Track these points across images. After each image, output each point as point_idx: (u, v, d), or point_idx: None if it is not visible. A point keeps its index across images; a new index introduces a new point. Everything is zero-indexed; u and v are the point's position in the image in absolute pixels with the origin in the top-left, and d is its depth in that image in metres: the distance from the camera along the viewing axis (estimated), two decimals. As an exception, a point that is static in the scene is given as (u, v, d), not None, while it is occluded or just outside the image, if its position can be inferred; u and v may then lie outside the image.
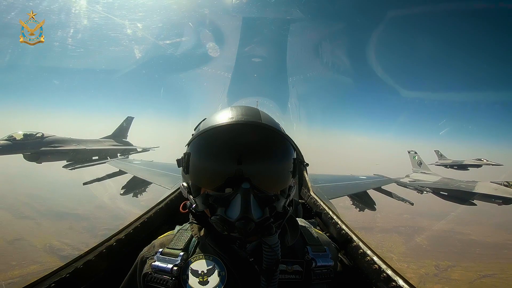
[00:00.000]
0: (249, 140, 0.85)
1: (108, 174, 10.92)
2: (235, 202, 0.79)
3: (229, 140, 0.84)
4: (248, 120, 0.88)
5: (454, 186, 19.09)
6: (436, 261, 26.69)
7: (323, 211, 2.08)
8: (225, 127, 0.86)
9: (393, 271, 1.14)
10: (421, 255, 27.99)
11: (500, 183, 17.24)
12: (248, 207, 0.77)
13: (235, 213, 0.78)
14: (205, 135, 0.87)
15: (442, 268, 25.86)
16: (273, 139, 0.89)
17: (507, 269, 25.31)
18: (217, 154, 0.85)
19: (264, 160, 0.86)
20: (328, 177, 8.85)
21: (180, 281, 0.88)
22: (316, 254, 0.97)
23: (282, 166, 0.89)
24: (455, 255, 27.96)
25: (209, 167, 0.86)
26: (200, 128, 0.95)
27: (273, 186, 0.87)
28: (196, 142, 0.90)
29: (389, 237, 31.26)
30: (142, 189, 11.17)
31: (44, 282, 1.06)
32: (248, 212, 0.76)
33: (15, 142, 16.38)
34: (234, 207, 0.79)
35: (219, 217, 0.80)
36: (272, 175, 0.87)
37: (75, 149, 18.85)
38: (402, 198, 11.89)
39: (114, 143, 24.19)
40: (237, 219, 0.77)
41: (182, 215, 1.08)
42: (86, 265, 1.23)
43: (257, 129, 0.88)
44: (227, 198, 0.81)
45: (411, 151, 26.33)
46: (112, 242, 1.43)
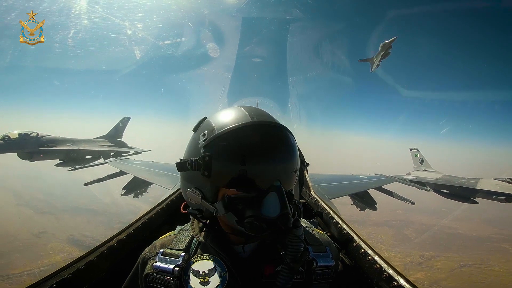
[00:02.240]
0: (279, 140, 0.88)
1: (109, 174, 10.92)
2: (271, 200, 0.79)
3: (265, 141, 0.84)
4: (273, 122, 0.89)
5: (456, 183, 18.97)
6: (422, 252, 28.13)
7: (324, 211, 2.08)
8: (256, 127, 0.85)
9: (394, 271, 1.14)
10: (408, 246, 29.54)
11: (504, 180, 17.06)
12: (285, 203, 0.79)
13: (274, 211, 0.78)
14: (238, 134, 0.83)
15: (426, 257, 27.33)
16: (291, 140, 0.92)
17: (487, 260, 26.93)
18: (261, 154, 0.82)
19: (287, 160, 0.88)
20: (328, 177, 8.83)
21: (182, 281, 0.88)
22: (317, 254, 0.97)
23: (296, 166, 0.92)
24: (441, 247, 29.35)
25: (253, 170, 0.81)
26: (207, 128, 0.90)
27: (291, 184, 0.91)
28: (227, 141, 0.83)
29: (380, 230, 32.55)
30: (143, 189, 11.22)
31: (45, 282, 1.06)
32: (286, 208, 0.79)
33: (10, 142, 16.85)
34: (271, 205, 0.79)
35: (256, 217, 0.78)
36: (291, 174, 0.90)
37: (68, 149, 19.46)
38: (403, 198, 11.77)
39: (108, 143, 24.60)
40: (278, 216, 0.78)
41: (183, 215, 1.07)
42: (88, 266, 1.23)
43: (281, 130, 0.89)
44: (257, 198, 0.81)
45: (413, 149, 26.17)
46: (113, 242, 1.43)
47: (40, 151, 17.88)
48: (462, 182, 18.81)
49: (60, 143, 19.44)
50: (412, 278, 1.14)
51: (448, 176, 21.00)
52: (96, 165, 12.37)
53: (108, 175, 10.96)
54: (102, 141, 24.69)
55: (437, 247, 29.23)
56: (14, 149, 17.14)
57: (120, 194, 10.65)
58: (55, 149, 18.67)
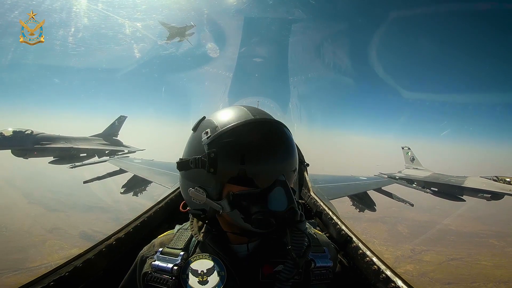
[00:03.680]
0: (281, 137, 0.89)
1: (109, 172, 10.96)
2: (277, 194, 0.80)
3: (274, 136, 0.87)
4: (272, 119, 0.92)
5: (445, 180, 19.38)
6: (413, 246, 29.29)
7: (323, 212, 2.08)
8: (260, 123, 0.87)
9: (392, 272, 1.14)
10: (400, 241, 30.65)
11: (490, 178, 17.40)
12: (291, 197, 0.80)
13: (281, 205, 0.79)
14: (244, 130, 0.84)
15: (417, 251, 28.49)
16: (291, 138, 0.93)
17: (474, 254, 28.23)
18: (266, 150, 0.83)
19: (290, 156, 0.89)
20: (328, 178, 8.89)
21: (180, 280, 0.88)
22: (315, 255, 0.97)
23: (295, 164, 0.93)
24: (431, 242, 30.54)
25: (260, 166, 0.82)
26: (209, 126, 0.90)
27: (291, 182, 0.90)
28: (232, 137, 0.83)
29: (374, 226, 33.41)
30: (142, 188, 11.27)
31: (43, 280, 1.05)
32: (293, 202, 0.80)
33: (4, 139, 16.95)
34: (277, 200, 0.79)
35: (265, 212, 0.78)
36: (292, 171, 0.90)
37: (62, 147, 19.61)
38: (402, 199, 11.80)
39: (102, 142, 24.65)
40: (286, 210, 0.78)
41: (182, 214, 1.08)
42: (86, 264, 1.22)
43: (283, 128, 0.91)
44: (263, 194, 0.81)
45: (405, 147, 26.50)
46: (111, 241, 1.42)
47: (34, 148, 17.90)
48: (450, 179, 19.20)
49: (54, 141, 19.53)
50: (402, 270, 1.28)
51: (437, 174, 21.44)
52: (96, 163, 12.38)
53: (108, 173, 11.01)
54: (97, 139, 24.65)
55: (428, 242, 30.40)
56: (8, 146, 17.16)
57: (120, 193, 10.69)
58: (49, 146, 18.74)
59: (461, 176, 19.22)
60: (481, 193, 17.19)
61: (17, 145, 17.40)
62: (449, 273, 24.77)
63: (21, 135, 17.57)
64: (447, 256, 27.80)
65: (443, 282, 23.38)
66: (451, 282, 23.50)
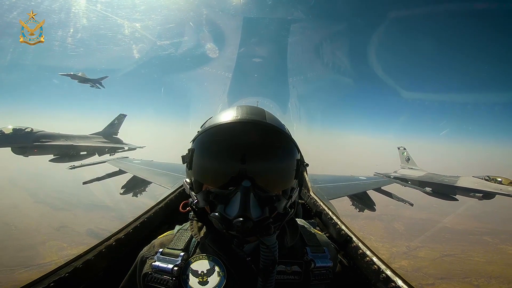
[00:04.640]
0: (253, 138, 0.86)
1: (108, 173, 10.88)
2: (235, 200, 0.79)
3: (233, 138, 0.86)
4: (253, 119, 0.89)
5: (438, 180, 19.74)
6: (408, 243, 30.22)
7: (323, 212, 2.10)
8: (229, 125, 0.88)
9: (392, 272, 1.14)
10: (396, 238, 31.62)
11: (482, 178, 17.71)
12: (247, 205, 0.77)
13: (233, 211, 0.78)
14: (209, 133, 0.89)
15: (412, 248, 29.34)
16: (276, 138, 0.90)
17: (467, 250, 29.22)
18: (221, 152, 0.86)
19: (267, 159, 0.85)
20: (328, 178, 8.89)
21: (180, 281, 0.88)
22: (315, 255, 0.98)
23: (284, 166, 0.90)
24: (426, 239, 31.52)
25: (212, 165, 0.87)
26: (205, 126, 0.96)
27: (274, 186, 0.86)
28: (200, 139, 0.91)
29: (372, 223, 34.13)
30: (142, 188, 11.24)
31: (43, 281, 1.06)
32: (246, 210, 0.76)
33: (4, 136, 16.78)
34: (234, 205, 0.79)
35: (218, 214, 0.79)
36: (274, 174, 0.87)
37: (62, 145, 19.53)
38: (402, 199, 11.76)
39: (102, 140, 24.56)
40: (235, 217, 0.76)
41: (182, 215, 1.08)
42: (86, 265, 1.22)
43: (261, 128, 0.88)
44: (227, 196, 0.81)
45: (401, 147, 26.85)
46: (111, 241, 1.42)
47: (34, 146, 17.77)
48: (443, 179, 19.58)
49: (54, 138, 19.43)
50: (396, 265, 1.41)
51: (431, 174, 21.86)
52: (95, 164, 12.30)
53: (107, 174, 10.92)
54: (97, 137, 24.59)
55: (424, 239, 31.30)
56: (8, 144, 17.02)
57: (119, 193, 10.65)
58: (49, 144, 18.63)
59: (454, 176, 19.60)
60: (473, 192, 17.55)
61: (17, 143, 17.29)
62: (442, 269, 25.46)
63: (21, 133, 17.47)
64: (441, 252, 28.60)
65: (436, 277, 24.00)
66: (444, 277, 24.15)
